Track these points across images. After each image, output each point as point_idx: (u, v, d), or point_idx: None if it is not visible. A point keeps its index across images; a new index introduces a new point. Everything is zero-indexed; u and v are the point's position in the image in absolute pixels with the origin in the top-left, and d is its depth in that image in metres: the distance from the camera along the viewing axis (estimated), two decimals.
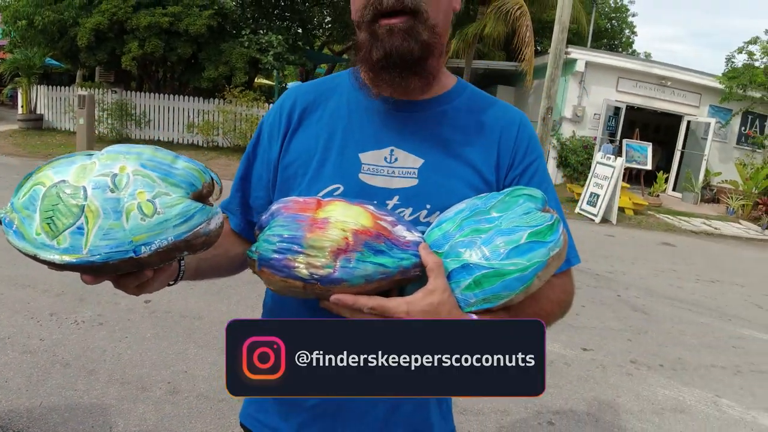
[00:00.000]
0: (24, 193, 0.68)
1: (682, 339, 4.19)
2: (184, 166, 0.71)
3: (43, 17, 10.90)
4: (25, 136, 12.32)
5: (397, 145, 0.91)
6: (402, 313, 0.75)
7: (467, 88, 1.00)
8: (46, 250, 0.64)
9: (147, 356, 3.03)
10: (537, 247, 0.76)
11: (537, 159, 0.97)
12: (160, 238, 0.66)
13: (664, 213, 10.60)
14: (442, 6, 0.86)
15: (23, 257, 0.66)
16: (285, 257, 0.75)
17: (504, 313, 0.81)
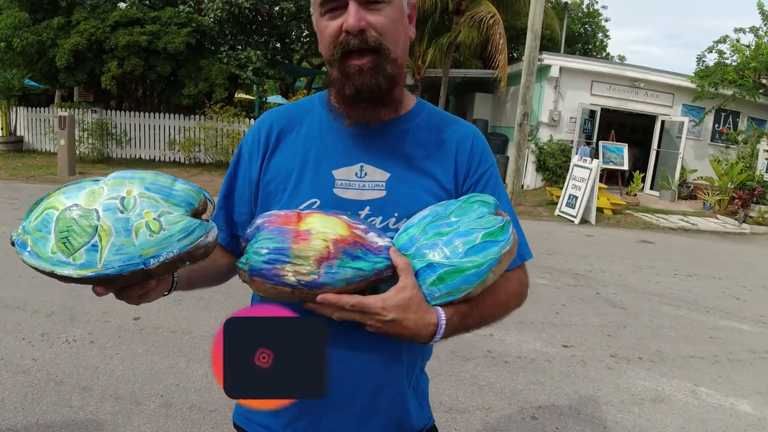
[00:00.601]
0: (36, 217, 0.77)
1: (660, 332, 4.33)
2: (182, 187, 0.82)
3: (21, 39, 10.89)
4: (6, 159, 12.23)
5: (366, 161, 1.02)
6: (378, 308, 0.86)
7: (426, 107, 1.12)
8: (62, 267, 0.73)
9: (139, 371, 3.09)
10: (490, 246, 0.88)
11: (490, 168, 1.08)
12: (166, 251, 0.76)
13: (642, 211, 10.83)
14: (400, 39, 0.99)
15: (11, 280, 0.74)
16: (274, 267, 0.85)
17: (465, 305, 0.93)
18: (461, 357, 3.54)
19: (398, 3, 0.97)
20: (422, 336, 0.90)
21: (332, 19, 0.94)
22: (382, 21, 0.93)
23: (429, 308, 0.90)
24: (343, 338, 0.97)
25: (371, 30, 0.92)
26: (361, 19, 0.91)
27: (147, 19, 11.52)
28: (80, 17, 11.38)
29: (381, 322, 0.87)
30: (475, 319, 0.96)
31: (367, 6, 0.92)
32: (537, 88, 12.14)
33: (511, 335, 3.97)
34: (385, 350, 1.00)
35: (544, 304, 4.74)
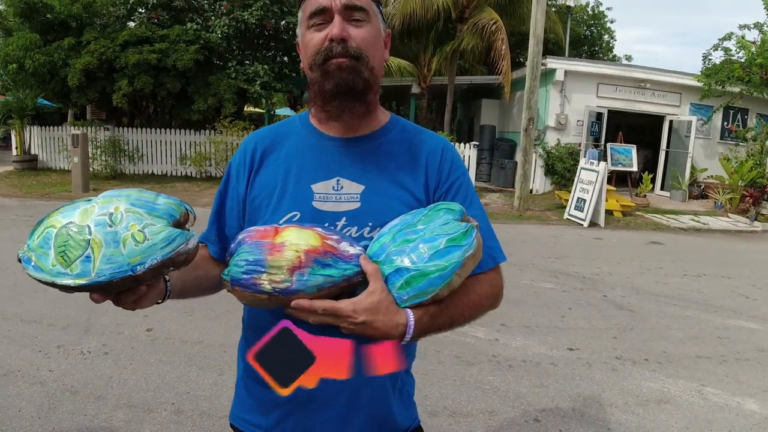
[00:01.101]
0: (38, 235, 0.87)
1: (667, 333, 4.33)
2: (164, 201, 0.91)
3: (33, 60, 11.13)
4: (21, 177, 12.50)
5: (342, 176, 1.10)
6: (349, 311, 0.94)
7: (399, 122, 1.20)
8: (61, 277, 0.82)
9: (151, 380, 3.18)
10: (453, 251, 0.94)
11: (460, 177, 1.15)
12: (151, 258, 0.84)
13: (653, 212, 10.80)
14: (378, 54, 1.08)
15: (28, 295, 0.83)
16: (252, 277, 0.93)
17: (434, 306, 0.99)
18: (466, 362, 3.58)
19: (376, 24, 1.08)
20: (393, 336, 0.96)
21: (318, 31, 1.04)
22: (362, 35, 1.04)
23: (398, 310, 0.96)
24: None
25: (352, 41, 1.02)
26: (344, 30, 1.02)
27: (156, 37, 11.75)
28: (90, 37, 11.65)
29: (353, 324, 0.94)
30: (446, 320, 1.02)
31: (350, 21, 1.03)
32: (543, 92, 12.18)
33: (517, 339, 4.01)
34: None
35: (549, 308, 4.77)
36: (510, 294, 4.98)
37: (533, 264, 6.37)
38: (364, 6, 1.04)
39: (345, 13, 1.02)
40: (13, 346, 3.62)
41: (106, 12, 12.50)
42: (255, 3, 11.85)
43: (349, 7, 1.02)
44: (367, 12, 1.05)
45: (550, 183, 12.74)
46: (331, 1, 1.02)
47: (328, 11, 1.02)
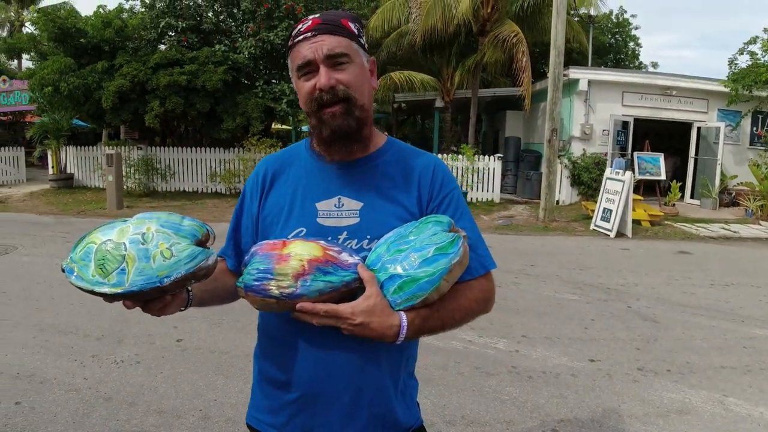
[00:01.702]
0: (80, 249, 1.02)
1: (691, 344, 4.28)
2: (188, 223, 1.07)
3: (68, 83, 11.59)
4: (57, 195, 13.00)
5: (342, 194, 1.22)
6: (348, 313, 1.06)
7: (394, 144, 1.32)
8: (99, 286, 0.97)
9: (180, 388, 3.33)
10: (440, 258, 1.06)
11: (451, 191, 1.26)
12: (176, 272, 0.99)
13: (682, 222, 10.62)
14: (365, 89, 1.20)
15: (64, 307, 0.96)
16: (262, 283, 1.07)
17: (426, 309, 1.10)
18: (485, 372, 3.63)
19: (359, 60, 1.19)
20: (388, 336, 1.08)
21: (307, 81, 1.16)
22: (347, 77, 1.15)
23: (392, 313, 1.08)
24: (326, 346, 1.17)
25: (339, 85, 1.14)
26: (331, 78, 1.13)
27: (185, 59, 12.14)
28: (123, 61, 12.11)
29: (352, 326, 1.06)
30: (437, 322, 1.13)
31: (334, 68, 1.15)
32: (566, 102, 12.16)
33: (537, 350, 4.03)
34: (363, 355, 1.18)
35: (572, 320, 4.77)
36: (532, 305, 5.06)
37: (557, 275, 6.37)
38: (345, 51, 1.15)
39: (328, 61, 1.14)
40: (50, 355, 3.81)
41: (137, 36, 12.97)
42: (280, 24, 12.19)
43: (331, 56, 1.13)
44: (349, 54, 1.16)
45: (577, 194, 12.66)
46: (314, 54, 1.13)
47: (314, 63, 1.14)
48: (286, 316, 1.14)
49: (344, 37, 1.16)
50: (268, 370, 1.27)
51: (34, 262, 6.60)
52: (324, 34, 1.14)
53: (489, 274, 1.24)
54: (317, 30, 1.15)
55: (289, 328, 1.19)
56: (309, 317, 1.06)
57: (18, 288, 5.46)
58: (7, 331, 4.25)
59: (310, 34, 1.15)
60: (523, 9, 12.94)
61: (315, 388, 1.19)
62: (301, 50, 1.15)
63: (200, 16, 13.36)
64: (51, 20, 11.84)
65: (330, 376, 1.18)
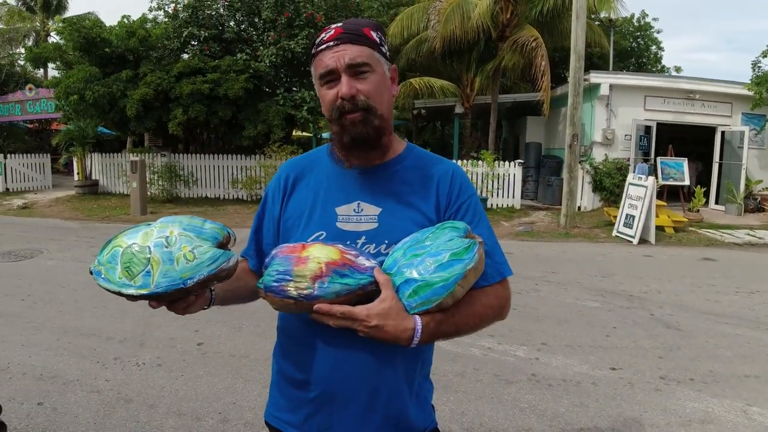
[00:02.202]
0: (107, 252, 1.07)
1: (715, 352, 4.19)
2: (210, 227, 1.11)
3: (93, 92, 11.82)
4: (82, 201, 13.28)
5: (361, 200, 1.25)
6: (364, 316, 1.08)
7: (414, 150, 1.34)
8: (126, 288, 1.02)
9: (200, 391, 3.37)
10: (455, 264, 1.07)
11: (469, 198, 1.28)
12: (199, 274, 1.03)
13: (707, 228, 10.43)
14: (385, 99, 1.23)
15: (88, 310, 0.99)
16: (281, 284, 1.10)
17: (441, 314, 1.12)
18: (504, 380, 3.60)
19: (381, 69, 1.22)
20: (402, 339, 1.09)
21: (330, 89, 1.20)
22: (368, 87, 1.18)
23: (407, 316, 1.10)
24: (343, 347, 1.19)
25: (360, 95, 1.17)
26: (352, 87, 1.17)
27: (208, 68, 12.30)
28: (147, 70, 12.32)
29: (367, 328, 1.08)
30: (451, 327, 1.14)
31: (356, 77, 1.18)
32: (588, 107, 12.05)
33: (557, 359, 3.99)
34: (379, 356, 1.20)
35: (594, 327, 4.71)
36: (553, 313, 5.01)
37: (578, 282, 6.30)
38: (366, 60, 1.18)
39: (350, 71, 1.17)
40: (72, 357, 3.90)
41: (160, 45, 13.18)
42: (300, 32, 12.30)
43: (352, 65, 1.17)
44: (370, 64, 1.19)
45: (599, 199, 12.50)
46: (337, 63, 1.17)
47: (336, 71, 1.17)
48: (305, 317, 1.16)
49: (366, 47, 1.19)
50: (287, 368, 1.30)
51: (59, 266, 6.75)
52: (346, 44, 1.17)
53: (505, 281, 1.25)
54: (340, 39, 1.17)
55: (308, 329, 1.22)
56: (326, 318, 1.09)
57: (43, 291, 5.59)
58: (32, 334, 4.35)
59: (332, 43, 1.18)
60: (542, 14, 12.89)
61: (332, 387, 1.21)
62: (324, 59, 1.18)
63: (222, 25, 13.56)
64: (76, 30, 12.11)
65: (347, 377, 1.20)
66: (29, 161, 16.02)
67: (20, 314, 4.83)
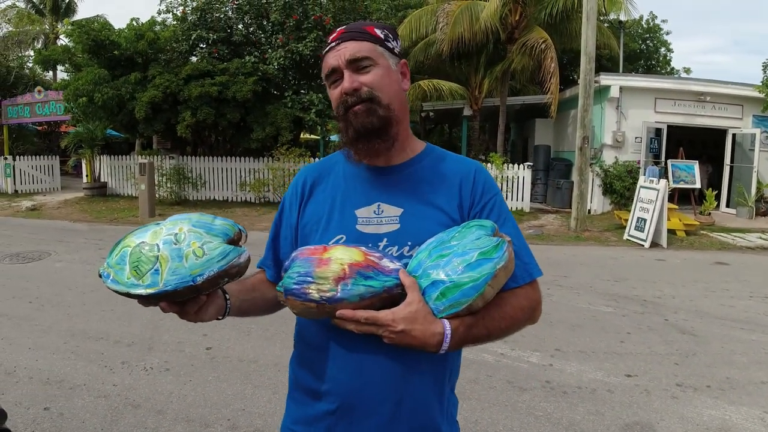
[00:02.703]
0: (116, 254, 1.02)
1: (731, 358, 4.12)
2: (220, 223, 1.07)
3: (102, 94, 11.85)
4: (91, 203, 13.31)
5: (382, 201, 1.20)
6: (389, 320, 1.02)
7: (434, 150, 1.30)
8: (135, 288, 0.97)
9: (209, 397, 3.32)
10: (485, 263, 1.01)
11: (493, 197, 1.23)
12: (208, 270, 0.99)
13: (718, 231, 10.31)
14: (392, 90, 1.19)
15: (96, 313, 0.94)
16: (302, 287, 1.04)
17: (471, 317, 1.06)
18: (518, 387, 3.53)
19: (384, 63, 1.19)
20: (430, 344, 1.03)
21: (335, 88, 1.19)
22: (370, 78, 1.16)
23: (435, 320, 1.04)
24: (365, 354, 1.13)
25: (363, 87, 1.15)
26: (354, 81, 1.15)
27: (216, 70, 12.31)
28: (155, 72, 12.35)
29: (393, 333, 1.02)
30: (482, 330, 1.08)
31: (358, 71, 1.16)
32: (598, 109, 11.96)
33: (572, 365, 3.91)
34: (404, 364, 1.13)
35: (608, 333, 4.63)
36: (566, 318, 4.93)
37: (591, 287, 6.21)
38: (367, 54, 1.16)
39: (351, 66, 1.15)
40: (80, 361, 3.86)
41: (169, 48, 13.21)
42: (309, 35, 12.29)
43: (352, 61, 1.15)
44: (371, 57, 1.17)
45: (609, 203, 12.40)
46: (338, 60, 1.16)
47: (338, 69, 1.16)
48: (325, 322, 1.11)
49: (367, 42, 1.17)
50: (304, 378, 1.24)
51: (67, 269, 6.74)
52: (347, 41, 1.17)
53: (535, 282, 1.20)
54: (341, 39, 1.18)
55: (327, 335, 1.16)
56: (349, 324, 1.03)
57: (50, 294, 5.57)
58: (39, 337, 4.32)
59: (334, 43, 1.18)
60: (551, 16, 12.80)
61: (352, 398, 1.14)
62: (328, 60, 1.19)
63: (230, 28, 13.58)
64: (85, 32, 12.15)
65: (369, 387, 1.13)
66: (38, 163, 16.08)
67: (28, 317, 4.81)
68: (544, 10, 12.89)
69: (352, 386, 1.14)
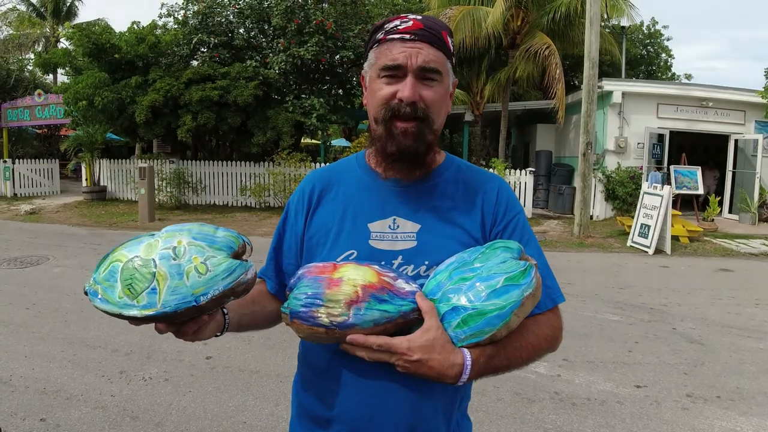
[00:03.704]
0: (104, 269, 0.91)
1: (740, 368, 4.05)
2: (223, 234, 0.95)
3: (102, 97, 11.77)
4: (90, 207, 13.22)
5: (398, 215, 1.10)
6: (404, 348, 0.93)
7: (454, 162, 1.20)
8: (128, 309, 0.87)
9: (209, 408, 3.23)
10: (512, 290, 0.92)
11: (516, 216, 1.14)
12: (213, 289, 0.88)
13: (721, 237, 10.24)
14: (442, 113, 1.09)
15: (94, 321, 0.86)
16: (310, 310, 0.95)
17: (492, 347, 0.97)
18: (526, 399, 3.45)
19: (446, 82, 1.09)
20: (448, 376, 0.94)
21: (388, 84, 1.05)
22: (432, 96, 1.04)
23: (454, 349, 0.94)
24: (375, 380, 1.04)
25: (421, 102, 1.03)
26: (416, 92, 1.02)
27: (217, 74, 12.25)
28: (156, 76, 12.29)
29: (408, 362, 0.93)
30: (503, 361, 0.99)
31: (423, 81, 1.04)
32: (600, 115, 11.90)
33: (580, 376, 3.83)
34: (415, 392, 1.05)
35: (615, 342, 4.55)
36: (573, 327, 4.84)
37: (596, 295, 6.13)
38: (439, 68, 1.05)
39: (419, 73, 1.03)
40: (77, 370, 3.77)
41: (170, 52, 13.16)
42: (310, 39, 12.24)
43: (425, 69, 1.03)
44: (441, 72, 1.05)
45: (611, 208, 12.33)
46: (407, 60, 1.02)
47: (402, 69, 1.03)
48: (332, 346, 1.02)
49: (441, 52, 1.05)
50: (309, 404, 1.15)
51: (65, 274, 6.65)
52: (423, 42, 1.04)
53: (557, 308, 1.11)
54: (417, 35, 1.04)
55: (334, 359, 1.07)
56: (360, 351, 0.94)
57: (48, 300, 5.48)
58: (36, 344, 4.24)
59: (408, 36, 1.04)
60: (553, 21, 12.76)
61: (361, 427, 1.06)
62: (393, 50, 1.04)
63: (232, 32, 13.53)
64: (86, 36, 12.11)
65: (380, 416, 1.05)
66: (37, 166, 16.00)
67: (24, 323, 4.72)
68: (546, 16, 12.85)
69: (362, 415, 1.06)
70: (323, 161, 14.11)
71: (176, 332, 0.93)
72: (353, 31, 12.78)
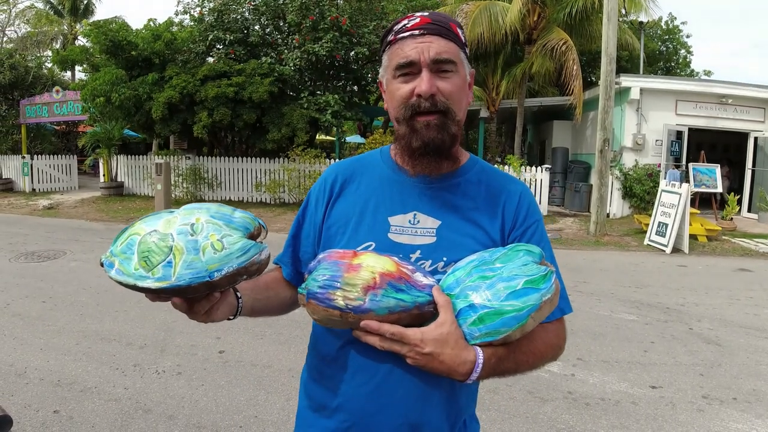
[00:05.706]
0: (122, 242, 0.93)
1: (758, 369, 3.97)
2: (240, 215, 0.97)
3: (119, 94, 11.91)
4: (107, 202, 13.38)
5: (419, 210, 1.11)
6: (417, 340, 0.92)
7: (477, 163, 1.20)
8: (143, 280, 0.87)
9: (221, 402, 3.25)
10: (531, 293, 0.92)
11: (535, 222, 1.14)
12: (227, 266, 0.89)
13: (740, 237, 10.07)
14: (463, 104, 1.09)
15: (109, 314, 0.85)
16: (327, 291, 0.96)
17: (503, 349, 0.96)
18: (539, 398, 3.42)
19: (463, 72, 1.08)
20: (458, 372, 0.93)
21: (405, 83, 1.05)
22: (450, 88, 1.04)
23: (467, 346, 0.94)
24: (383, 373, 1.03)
25: (440, 95, 1.03)
26: (433, 85, 1.02)
27: (233, 71, 12.32)
28: (172, 73, 12.39)
29: (419, 355, 0.93)
30: (511, 365, 0.99)
31: (438, 74, 1.03)
32: (617, 111, 11.76)
33: (594, 375, 3.78)
34: (422, 389, 1.04)
35: (631, 342, 4.49)
36: (588, 326, 4.80)
37: (612, 294, 6.06)
38: (453, 58, 1.04)
39: (434, 66, 1.03)
40: (91, 363, 3.81)
41: (186, 49, 13.25)
42: (325, 36, 12.24)
43: (438, 61, 1.03)
44: (455, 62, 1.05)
45: (629, 206, 12.18)
46: (420, 55, 1.02)
47: (417, 64, 1.03)
48: (343, 334, 1.03)
49: (453, 43, 1.05)
50: (316, 393, 1.15)
51: (81, 268, 6.74)
52: (433, 35, 1.04)
53: (563, 319, 1.11)
54: (426, 29, 1.04)
55: (344, 348, 1.08)
56: (372, 337, 0.94)
57: (64, 293, 5.55)
58: (51, 337, 4.29)
59: (417, 32, 1.04)
60: (570, 16, 12.61)
61: (368, 419, 1.06)
62: (405, 48, 1.04)
63: (247, 29, 13.58)
64: (103, 33, 12.22)
65: (386, 409, 1.04)
66: (56, 162, 16.23)
67: (40, 316, 4.79)
68: (562, 11, 12.72)
69: (368, 406, 1.05)
70: (338, 157, 14.13)
71: (188, 311, 0.93)
72: (368, 27, 12.75)
